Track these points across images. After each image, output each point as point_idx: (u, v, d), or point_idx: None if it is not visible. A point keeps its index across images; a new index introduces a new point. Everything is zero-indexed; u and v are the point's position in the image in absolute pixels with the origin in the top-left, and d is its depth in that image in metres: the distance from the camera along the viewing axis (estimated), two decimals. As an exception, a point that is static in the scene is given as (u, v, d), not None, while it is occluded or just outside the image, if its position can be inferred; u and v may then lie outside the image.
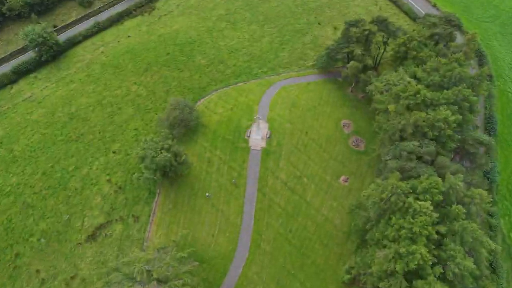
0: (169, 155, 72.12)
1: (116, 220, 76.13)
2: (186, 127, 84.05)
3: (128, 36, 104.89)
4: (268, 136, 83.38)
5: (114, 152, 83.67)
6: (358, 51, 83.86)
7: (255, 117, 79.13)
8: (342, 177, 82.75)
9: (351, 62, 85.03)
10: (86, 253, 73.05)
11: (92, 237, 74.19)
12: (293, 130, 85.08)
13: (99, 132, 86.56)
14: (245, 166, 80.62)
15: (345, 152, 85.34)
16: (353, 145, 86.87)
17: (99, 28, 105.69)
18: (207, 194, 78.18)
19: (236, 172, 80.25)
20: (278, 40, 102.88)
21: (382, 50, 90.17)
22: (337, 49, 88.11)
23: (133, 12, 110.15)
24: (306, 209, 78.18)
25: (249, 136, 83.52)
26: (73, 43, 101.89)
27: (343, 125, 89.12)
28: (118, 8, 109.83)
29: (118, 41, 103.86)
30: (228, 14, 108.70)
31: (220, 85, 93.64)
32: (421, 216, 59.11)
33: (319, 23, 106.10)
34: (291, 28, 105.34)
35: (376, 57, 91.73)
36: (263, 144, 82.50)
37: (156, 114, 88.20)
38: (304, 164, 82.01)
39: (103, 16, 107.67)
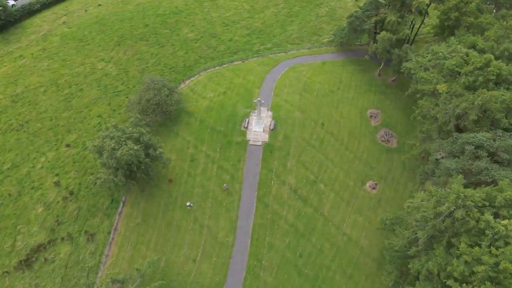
0: (136, 147, 51.58)
1: (63, 239, 55.20)
2: (163, 114, 63.68)
3: (99, 5, 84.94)
4: (272, 127, 62.92)
5: (67, 146, 63.00)
6: (392, 17, 63.66)
7: (255, 101, 58.84)
8: (369, 183, 62.21)
9: (382, 33, 64.83)
10: (15, 286, 51.99)
11: (26, 262, 53.11)
12: (305, 121, 64.66)
13: (51, 120, 65.94)
14: (241, 166, 59.99)
15: (372, 150, 64.95)
16: (383, 141, 66.51)
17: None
18: (188, 203, 57.43)
19: (229, 174, 59.59)
20: (286, 11, 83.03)
21: (419, 22, 69.98)
22: (362, 17, 67.90)
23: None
24: (323, 226, 57.43)
25: (246, 127, 63.04)
26: (29, 12, 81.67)
27: (370, 116, 68.81)
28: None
29: (86, 10, 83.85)
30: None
31: (211, 64, 73.46)
32: (508, 245, 38.51)
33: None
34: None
35: (412, 28, 71.50)
36: (266, 137, 61.98)
37: (128, 98, 67.74)
38: (319, 165, 61.41)
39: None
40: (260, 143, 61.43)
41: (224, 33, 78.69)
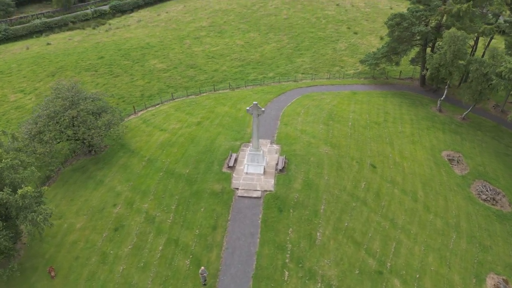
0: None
1: None
2: (80, 145, 35.16)
3: (47, 44, 65.02)
4: (281, 167, 33.25)
5: None
6: (463, 4, 41.02)
7: (248, 108, 31.04)
8: (492, 278, 29.38)
9: (452, 29, 41.42)
10: None
11: None
12: (341, 159, 35.37)
13: None
14: (217, 239, 28.07)
15: (472, 214, 33.99)
16: (485, 200, 36.09)
17: (7, 36, 67.07)
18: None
19: (190, 257, 27.24)
20: (292, 46, 62.36)
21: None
22: (411, 18, 45.60)
23: (70, 24, 73.60)
24: None
25: (233, 167, 33.43)
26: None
27: (449, 160, 39.94)
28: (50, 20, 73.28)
29: (27, 48, 63.42)
30: (213, 26, 71.38)
31: (183, 94, 48.28)
32: None
33: (355, 33, 67.60)
34: (312, 36, 66.41)
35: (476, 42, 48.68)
36: (270, 184, 31.72)
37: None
38: (383, 238, 29.51)
39: (19, 26, 70.27)
40: (258, 194, 30.86)
41: (207, 64, 56.03)
